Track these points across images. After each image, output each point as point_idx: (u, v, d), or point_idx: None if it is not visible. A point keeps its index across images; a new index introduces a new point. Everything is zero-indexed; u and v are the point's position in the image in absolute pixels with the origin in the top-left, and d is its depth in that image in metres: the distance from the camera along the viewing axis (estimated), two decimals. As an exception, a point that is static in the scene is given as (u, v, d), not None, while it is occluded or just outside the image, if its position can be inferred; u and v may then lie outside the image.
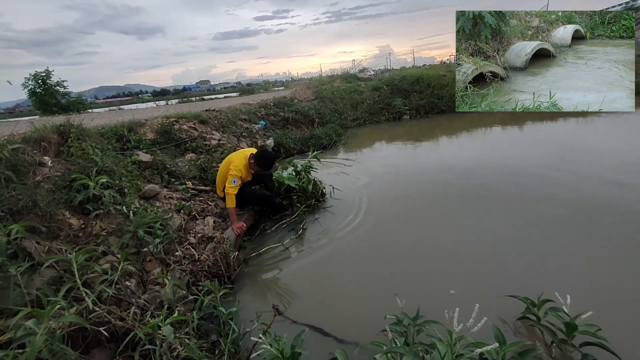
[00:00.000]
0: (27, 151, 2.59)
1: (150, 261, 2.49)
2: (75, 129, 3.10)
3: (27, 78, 15.03)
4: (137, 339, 1.63)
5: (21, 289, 1.64)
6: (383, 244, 3.24)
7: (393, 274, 2.74)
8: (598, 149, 5.73)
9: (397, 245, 3.19)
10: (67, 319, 1.46)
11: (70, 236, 2.26)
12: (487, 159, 5.73)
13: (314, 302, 2.50)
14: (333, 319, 2.24)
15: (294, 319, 2.26)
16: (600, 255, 2.71)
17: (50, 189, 2.40)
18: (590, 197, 3.73)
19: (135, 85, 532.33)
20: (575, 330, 1.68)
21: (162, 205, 3.25)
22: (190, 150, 4.97)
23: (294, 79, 44.75)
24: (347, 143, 8.22)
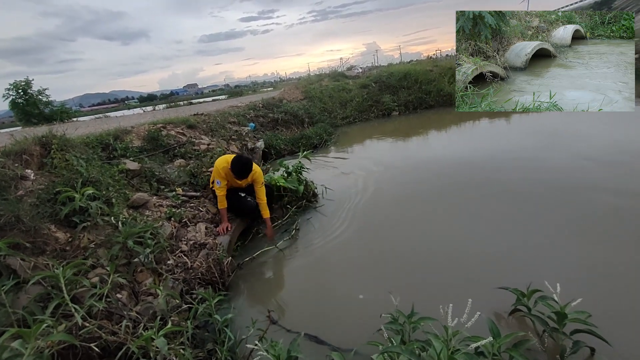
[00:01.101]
0: (7, 165, 2.51)
1: (142, 272, 2.45)
2: (57, 139, 3.02)
3: (7, 88, 14.64)
4: (130, 353, 1.60)
5: (6, 308, 1.60)
6: (375, 242, 3.25)
7: (385, 271, 2.76)
8: (587, 136, 5.81)
9: (388, 242, 3.21)
10: (56, 337, 1.42)
11: (57, 250, 2.21)
12: (475, 153, 5.80)
13: (308, 307, 2.49)
14: (328, 323, 2.23)
15: (288, 326, 2.23)
16: (587, 241, 2.77)
17: (34, 203, 2.33)
18: (578, 183, 3.81)
19: (121, 92, 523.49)
20: (566, 319, 1.71)
21: (152, 214, 3.20)
22: (179, 156, 4.90)
23: (282, 79, 44.62)
24: (338, 142, 8.23)
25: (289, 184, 4.01)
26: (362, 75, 15.60)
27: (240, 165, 3.27)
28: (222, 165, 3.40)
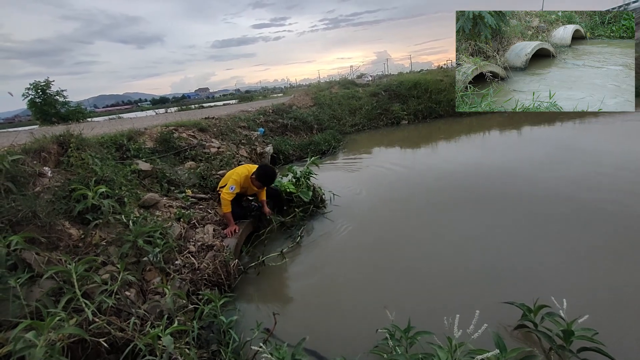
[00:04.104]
0: (27, 162, 2.60)
1: (150, 270, 2.49)
2: (75, 138, 3.12)
3: (27, 88, 15.11)
4: (137, 349, 1.63)
5: (20, 300, 1.64)
6: (380, 251, 3.23)
7: (389, 282, 2.73)
8: (596, 151, 5.74)
9: (393, 252, 3.19)
10: (67, 330, 1.46)
11: (70, 246, 2.27)
12: (484, 163, 5.76)
13: (309, 314, 2.47)
14: (330, 335, 2.20)
15: (290, 337, 2.18)
16: (596, 257, 2.72)
17: (50, 200, 2.41)
18: (584, 199, 3.75)
19: (134, 94, 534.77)
20: (573, 336, 1.68)
21: (162, 214, 3.25)
22: (189, 158, 4.98)
23: (293, 86, 45.01)
24: (346, 149, 8.26)
25: (302, 195, 4.05)
26: (372, 84, 15.67)
27: (268, 175, 3.54)
28: (244, 174, 3.60)
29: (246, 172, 3.61)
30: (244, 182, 3.59)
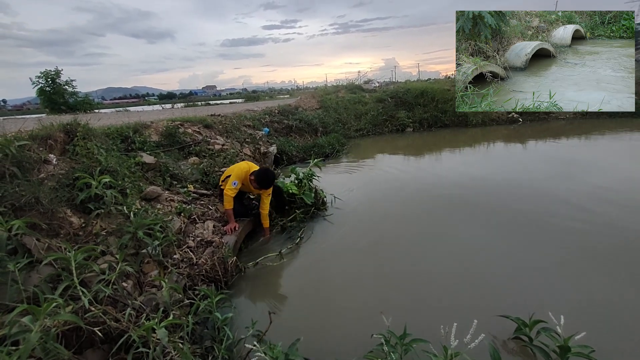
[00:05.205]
0: (33, 148, 2.62)
1: (148, 263, 2.49)
2: (82, 128, 3.14)
3: (37, 76, 15.27)
4: (130, 341, 1.63)
5: (18, 285, 1.65)
6: (378, 258, 3.20)
7: (385, 289, 2.71)
8: (600, 167, 5.71)
9: (391, 259, 3.17)
10: (63, 317, 1.46)
11: (70, 234, 2.28)
12: (487, 175, 5.73)
13: (304, 316, 2.45)
14: (324, 337, 2.19)
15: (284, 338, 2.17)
16: (596, 273, 2.70)
17: (54, 187, 2.42)
18: (585, 214, 3.72)
19: (142, 88, 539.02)
20: (569, 352, 1.67)
21: (163, 208, 3.26)
22: (193, 153, 5.00)
23: (299, 88, 45.21)
24: (350, 153, 8.26)
25: (305, 197, 4.05)
26: (378, 90, 15.69)
27: (267, 178, 3.49)
28: (244, 169, 3.60)
29: (247, 168, 3.62)
30: (244, 178, 3.59)
